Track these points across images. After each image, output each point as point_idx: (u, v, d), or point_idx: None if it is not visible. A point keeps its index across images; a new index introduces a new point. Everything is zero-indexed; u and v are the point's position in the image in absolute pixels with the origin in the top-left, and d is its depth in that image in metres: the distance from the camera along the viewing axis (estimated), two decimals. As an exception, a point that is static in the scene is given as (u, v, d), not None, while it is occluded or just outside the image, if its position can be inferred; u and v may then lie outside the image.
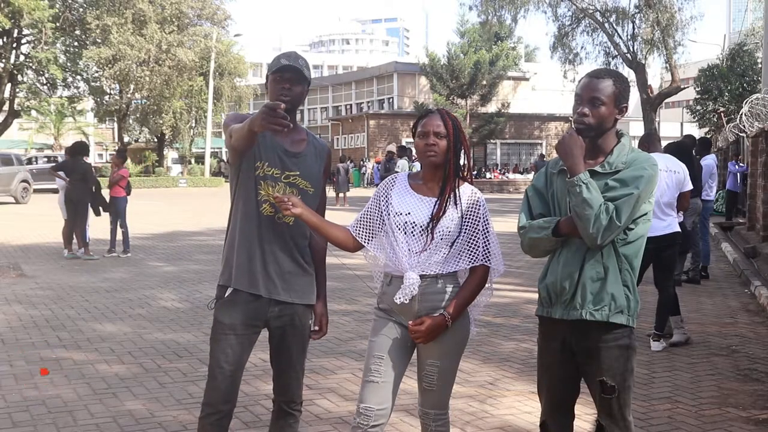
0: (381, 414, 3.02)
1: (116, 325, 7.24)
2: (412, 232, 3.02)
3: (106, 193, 12.54)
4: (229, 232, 3.18)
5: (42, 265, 11.30)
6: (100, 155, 65.84)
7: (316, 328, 3.26)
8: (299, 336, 3.20)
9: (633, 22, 37.90)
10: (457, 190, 3.07)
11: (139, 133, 52.78)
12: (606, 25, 38.20)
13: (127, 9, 40.61)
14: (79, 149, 12.27)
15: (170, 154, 55.02)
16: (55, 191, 15.42)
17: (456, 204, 3.05)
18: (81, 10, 42.29)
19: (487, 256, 3.05)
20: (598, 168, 2.84)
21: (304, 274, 3.16)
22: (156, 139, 50.70)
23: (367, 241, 3.11)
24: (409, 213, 3.04)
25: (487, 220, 3.08)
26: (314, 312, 3.24)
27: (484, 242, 3.05)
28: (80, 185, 11.96)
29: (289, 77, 3.06)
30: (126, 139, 48.86)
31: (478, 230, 3.05)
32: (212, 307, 3.16)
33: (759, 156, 14.32)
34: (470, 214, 3.05)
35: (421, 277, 3.00)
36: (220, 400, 3.08)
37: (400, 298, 2.98)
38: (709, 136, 31.08)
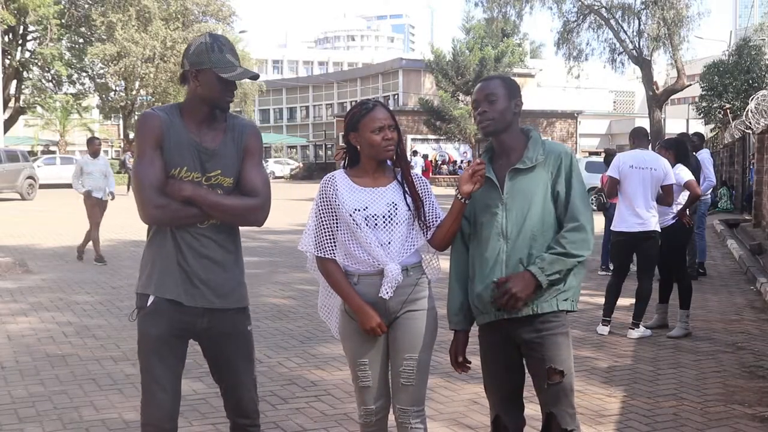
0: (381, 407, 3.12)
1: (122, 321, 7.24)
2: (375, 225, 3.00)
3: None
4: (150, 236, 2.95)
5: (47, 261, 11.32)
6: (106, 152, 66.07)
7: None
8: (238, 344, 2.93)
9: (639, 19, 37.70)
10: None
11: (145, 130, 52.77)
12: (612, 21, 38.02)
13: (131, 6, 40.63)
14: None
15: (175, 151, 55.06)
16: (56, 186, 15.40)
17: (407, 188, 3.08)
18: (86, 6, 42.36)
19: (437, 217, 3.11)
20: (519, 165, 2.94)
21: (233, 267, 2.90)
22: (161, 136, 50.66)
23: (333, 251, 3.04)
24: (366, 207, 3.01)
25: (430, 191, 3.14)
26: None
27: (435, 210, 3.12)
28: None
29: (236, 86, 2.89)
30: (131, 135, 48.94)
31: (432, 203, 3.12)
32: (134, 319, 2.89)
33: (765, 153, 14.29)
34: (422, 193, 3.10)
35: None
36: (164, 418, 2.83)
37: (387, 292, 2.97)
38: (714, 133, 31.04)
